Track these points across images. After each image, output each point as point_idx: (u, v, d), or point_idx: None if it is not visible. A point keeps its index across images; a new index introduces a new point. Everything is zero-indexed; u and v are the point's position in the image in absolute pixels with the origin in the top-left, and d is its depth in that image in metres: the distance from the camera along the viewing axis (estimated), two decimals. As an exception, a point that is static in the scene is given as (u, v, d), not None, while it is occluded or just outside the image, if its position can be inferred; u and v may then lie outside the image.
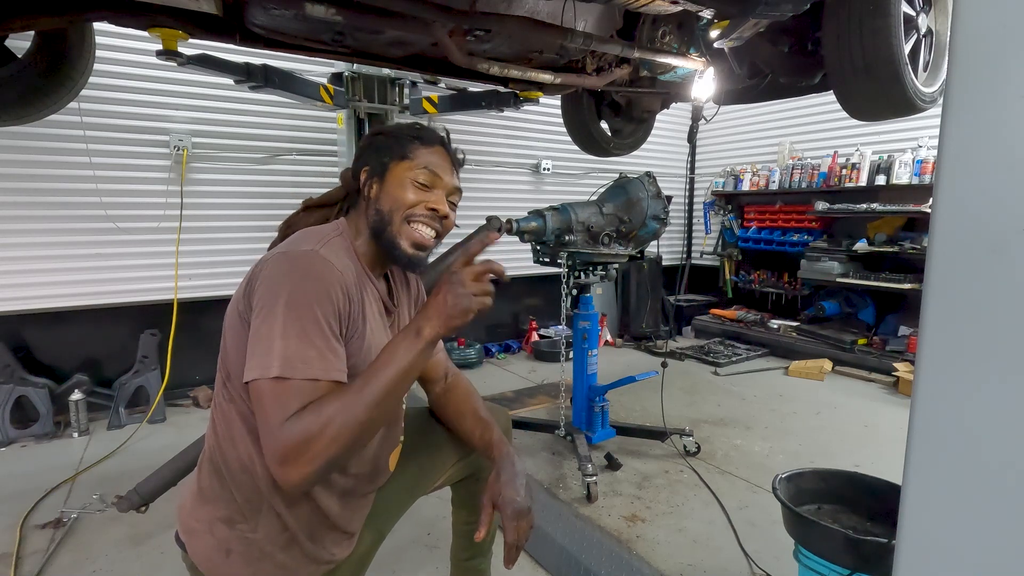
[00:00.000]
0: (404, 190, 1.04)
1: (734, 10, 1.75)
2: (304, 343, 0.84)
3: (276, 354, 0.83)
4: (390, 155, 1.06)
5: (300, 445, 0.80)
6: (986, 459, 0.58)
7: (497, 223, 2.15)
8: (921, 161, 3.84)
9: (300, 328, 0.85)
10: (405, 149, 1.06)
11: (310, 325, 0.86)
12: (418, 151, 1.06)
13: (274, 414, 0.82)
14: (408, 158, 1.05)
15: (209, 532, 0.97)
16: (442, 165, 1.08)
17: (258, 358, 0.84)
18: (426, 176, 1.05)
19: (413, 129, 1.10)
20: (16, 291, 2.87)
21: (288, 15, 1.80)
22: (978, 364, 0.58)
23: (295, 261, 0.91)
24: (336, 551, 1.06)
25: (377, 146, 1.09)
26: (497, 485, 1.07)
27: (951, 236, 0.59)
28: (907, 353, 3.80)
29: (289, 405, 0.82)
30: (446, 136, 1.14)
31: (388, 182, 1.05)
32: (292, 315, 0.85)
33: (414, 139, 1.07)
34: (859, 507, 1.51)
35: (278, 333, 0.84)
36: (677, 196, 4.75)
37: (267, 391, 0.83)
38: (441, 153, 1.09)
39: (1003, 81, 0.55)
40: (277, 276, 0.89)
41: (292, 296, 0.86)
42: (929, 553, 0.63)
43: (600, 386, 2.53)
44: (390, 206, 1.03)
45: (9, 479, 2.37)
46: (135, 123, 3.05)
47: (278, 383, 0.82)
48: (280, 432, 0.80)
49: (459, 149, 1.17)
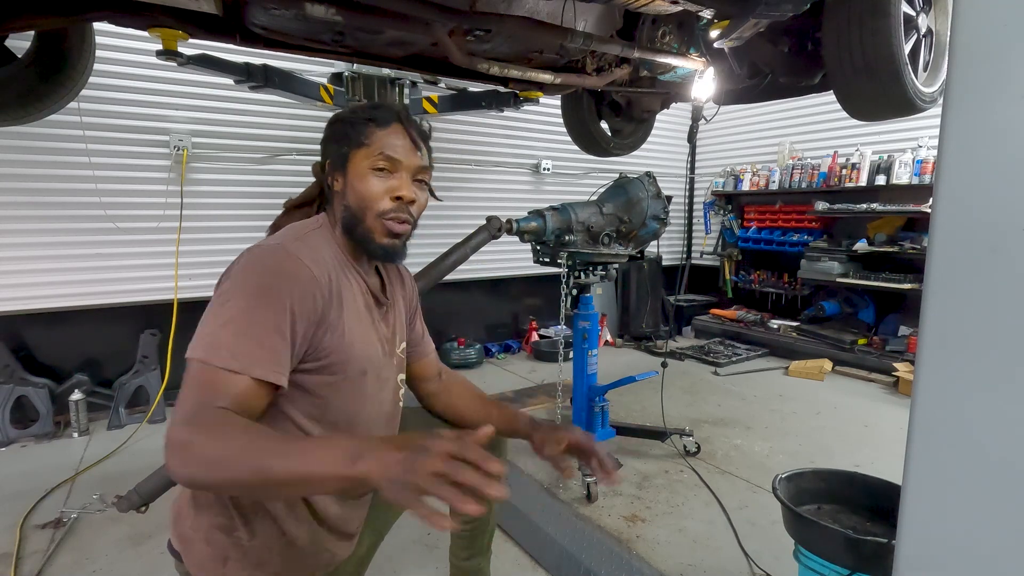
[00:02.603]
0: (366, 181, 0.98)
1: (734, 10, 1.75)
2: (240, 335, 0.82)
3: (206, 337, 0.82)
4: (347, 143, 1.00)
5: (184, 445, 0.74)
6: (986, 459, 0.58)
7: (497, 223, 2.15)
8: (921, 161, 3.84)
9: (245, 320, 0.83)
10: (361, 135, 0.99)
11: (256, 319, 0.83)
12: (374, 135, 0.99)
13: (188, 396, 0.79)
14: (365, 144, 0.99)
15: (205, 541, 0.96)
16: (402, 146, 1.00)
17: (195, 338, 0.83)
18: (385, 161, 0.99)
19: (367, 111, 1.02)
20: (16, 291, 2.87)
21: (288, 15, 1.80)
22: (978, 364, 0.58)
23: (260, 256, 0.89)
24: (336, 553, 1.05)
25: (335, 135, 1.03)
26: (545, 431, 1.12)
27: (951, 236, 0.59)
28: (907, 353, 3.80)
29: (205, 392, 0.79)
30: (404, 110, 1.05)
31: (350, 174, 1.00)
32: (242, 306, 0.83)
33: (368, 122, 1.00)
34: (859, 507, 1.50)
35: (220, 320, 0.83)
36: (677, 196, 4.74)
37: (190, 372, 0.81)
38: (399, 131, 1.01)
39: (1003, 81, 0.55)
40: (240, 269, 0.88)
41: (248, 288, 0.85)
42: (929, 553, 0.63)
43: (600, 386, 2.52)
44: (356, 201, 0.99)
45: (9, 479, 2.37)
46: (135, 123, 3.05)
47: (200, 367, 0.80)
48: (178, 418, 0.76)
49: (420, 119, 1.08)
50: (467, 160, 4.18)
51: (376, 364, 1.04)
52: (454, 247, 2.09)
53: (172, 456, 0.74)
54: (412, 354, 1.26)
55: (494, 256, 4.35)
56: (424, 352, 1.28)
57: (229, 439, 0.74)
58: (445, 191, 1.12)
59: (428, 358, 1.29)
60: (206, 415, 0.76)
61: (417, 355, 1.27)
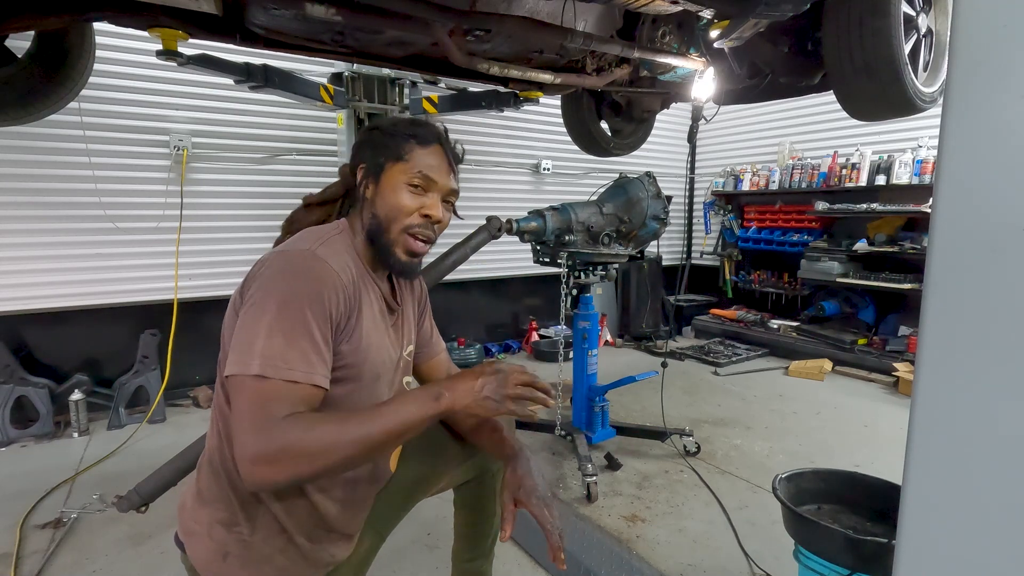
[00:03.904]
0: (399, 195, 1.02)
1: (734, 10, 1.75)
2: (289, 344, 0.84)
3: (257, 352, 0.82)
4: (386, 155, 1.03)
5: (279, 452, 0.79)
6: (986, 459, 0.58)
7: (497, 223, 2.15)
8: (921, 161, 3.84)
9: (288, 328, 0.84)
10: (401, 149, 1.03)
11: (298, 326, 0.85)
12: (414, 152, 1.03)
13: (255, 412, 0.81)
14: (404, 159, 1.02)
15: (207, 535, 0.97)
16: (439, 167, 1.05)
17: (239, 354, 0.83)
18: (421, 180, 1.02)
19: (410, 127, 1.06)
20: (16, 291, 2.87)
21: (288, 15, 1.80)
22: (978, 364, 0.58)
23: (291, 260, 0.91)
24: (335, 553, 1.05)
25: (374, 143, 1.06)
26: (516, 478, 1.06)
27: (951, 236, 0.59)
28: (907, 353, 3.80)
29: (270, 406, 0.81)
30: (444, 132, 1.10)
31: (383, 184, 1.03)
32: (281, 314, 0.84)
33: (410, 138, 1.04)
34: (859, 507, 1.50)
35: (264, 331, 0.83)
36: (677, 196, 4.74)
37: (247, 388, 0.82)
38: (438, 153, 1.06)
39: (1003, 81, 0.55)
40: (272, 274, 0.89)
41: (284, 295, 0.86)
42: (929, 553, 0.63)
43: (600, 386, 2.52)
44: (386, 212, 1.02)
45: (9, 479, 2.37)
46: (135, 123, 3.05)
47: (258, 381, 0.81)
48: (261, 432, 0.79)
49: (457, 143, 1.13)
50: (467, 160, 4.17)
51: (389, 369, 1.07)
52: (454, 247, 2.09)
53: (266, 468, 0.79)
54: (421, 355, 1.26)
55: (494, 256, 4.35)
56: (433, 352, 1.29)
57: (321, 429, 0.82)
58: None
59: (437, 358, 1.29)
60: (283, 422, 0.80)
61: (426, 355, 1.27)
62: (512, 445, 1.15)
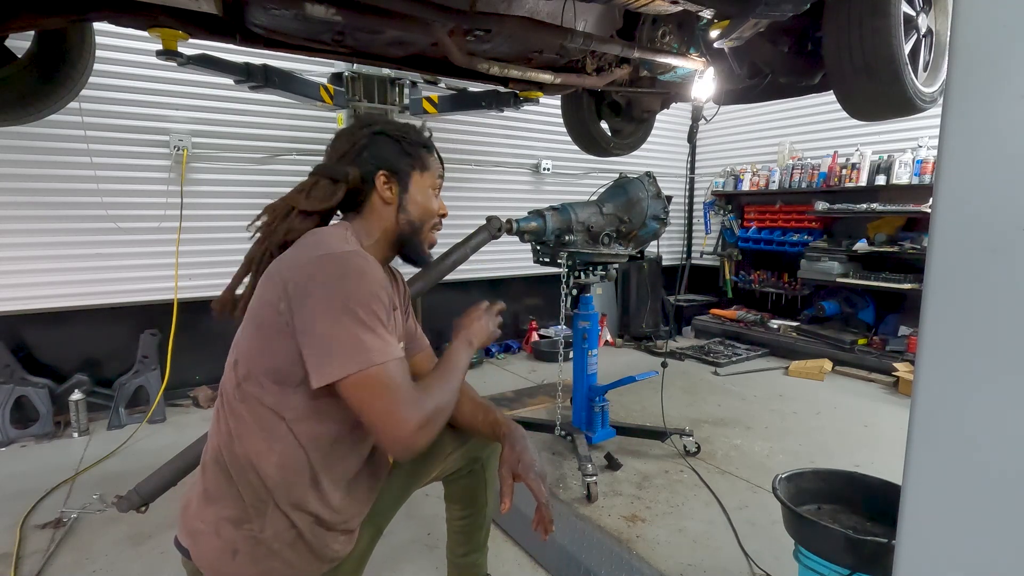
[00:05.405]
0: (428, 200, 1.18)
1: (734, 10, 1.76)
2: (375, 334, 0.93)
3: (365, 347, 0.91)
4: (410, 164, 1.15)
5: (434, 413, 0.96)
6: (986, 459, 0.58)
7: (497, 223, 2.14)
8: (921, 161, 3.84)
9: (372, 321, 0.93)
10: (423, 160, 1.17)
11: (372, 318, 0.93)
12: (429, 161, 1.18)
13: (397, 392, 0.92)
14: (427, 169, 1.17)
15: (215, 533, 0.97)
16: (441, 170, 1.22)
17: (342, 358, 0.90)
18: (436, 184, 1.20)
19: (420, 136, 1.19)
20: (16, 291, 2.87)
21: (288, 15, 1.80)
22: (978, 364, 0.58)
23: (346, 262, 0.95)
24: (338, 548, 1.06)
25: (392, 153, 1.14)
26: (513, 454, 1.15)
27: (951, 236, 0.59)
28: (907, 353, 3.80)
29: (405, 382, 0.94)
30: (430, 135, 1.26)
31: (413, 191, 1.15)
32: (360, 312, 0.92)
33: (422, 147, 1.17)
34: (859, 507, 1.50)
35: (358, 329, 0.91)
36: (677, 196, 4.74)
37: (374, 378, 0.91)
38: (437, 158, 1.22)
39: (1003, 81, 0.55)
40: (333, 278, 0.93)
41: (354, 295, 0.93)
42: (929, 553, 0.63)
43: (600, 386, 2.52)
44: (419, 215, 1.16)
45: (9, 479, 2.37)
46: (135, 123, 3.05)
47: (381, 369, 0.91)
48: (414, 404, 0.93)
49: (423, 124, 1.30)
50: (467, 160, 4.18)
51: None
52: (454, 247, 2.08)
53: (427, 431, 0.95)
54: (409, 349, 1.30)
55: (494, 256, 4.35)
56: (420, 346, 1.34)
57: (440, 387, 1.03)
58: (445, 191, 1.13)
59: (424, 352, 1.35)
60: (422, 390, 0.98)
61: (414, 349, 1.32)
62: (507, 423, 1.23)
